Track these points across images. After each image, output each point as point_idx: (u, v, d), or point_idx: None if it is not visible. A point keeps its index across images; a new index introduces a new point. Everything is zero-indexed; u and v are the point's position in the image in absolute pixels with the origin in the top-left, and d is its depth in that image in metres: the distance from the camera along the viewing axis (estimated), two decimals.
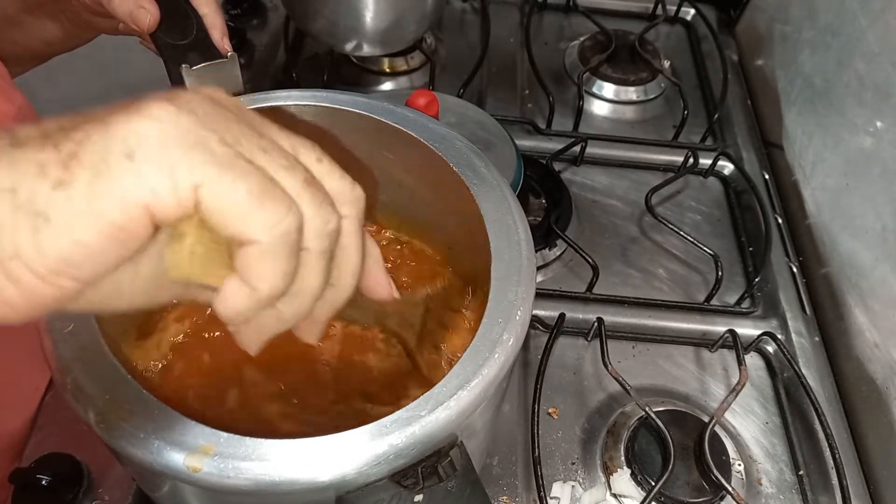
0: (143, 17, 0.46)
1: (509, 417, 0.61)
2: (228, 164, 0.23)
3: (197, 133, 0.23)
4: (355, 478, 0.32)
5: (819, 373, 0.66)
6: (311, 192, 0.25)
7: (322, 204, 0.25)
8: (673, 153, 0.84)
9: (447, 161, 0.44)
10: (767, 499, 0.59)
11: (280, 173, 0.24)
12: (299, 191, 0.24)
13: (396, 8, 0.78)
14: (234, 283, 0.24)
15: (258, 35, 0.92)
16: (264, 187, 0.23)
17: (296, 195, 0.24)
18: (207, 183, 0.22)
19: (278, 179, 0.24)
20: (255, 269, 0.24)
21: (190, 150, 0.22)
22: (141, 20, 0.46)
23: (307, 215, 0.24)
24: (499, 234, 0.41)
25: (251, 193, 0.23)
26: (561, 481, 0.58)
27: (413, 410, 0.33)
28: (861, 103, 0.71)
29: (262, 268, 0.24)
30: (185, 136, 0.22)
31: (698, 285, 0.73)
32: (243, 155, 0.23)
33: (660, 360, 0.67)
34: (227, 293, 0.24)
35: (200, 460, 0.31)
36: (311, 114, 0.48)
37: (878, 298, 0.65)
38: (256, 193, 0.23)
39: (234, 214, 0.23)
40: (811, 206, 0.79)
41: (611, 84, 0.91)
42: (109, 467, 0.53)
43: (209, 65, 0.45)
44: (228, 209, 0.23)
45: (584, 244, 0.69)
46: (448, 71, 0.91)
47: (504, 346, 0.36)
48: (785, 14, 0.89)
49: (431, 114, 0.57)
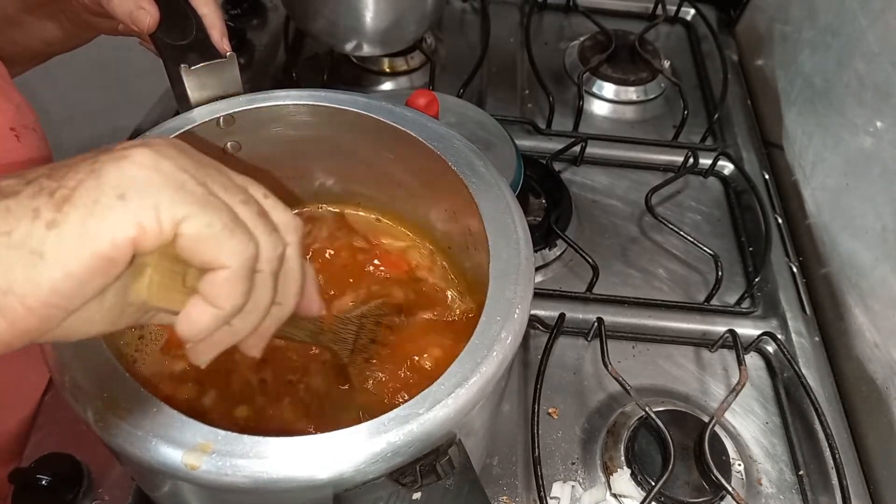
0: (142, 18, 0.46)
1: (509, 417, 0.61)
2: (204, 202, 0.26)
3: (176, 176, 0.26)
4: (353, 475, 0.32)
5: (819, 373, 0.66)
6: (263, 222, 0.29)
7: (272, 232, 0.29)
8: (673, 153, 0.84)
9: (446, 160, 0.44)
10: (767, 499, 0.59)
11: (239, 207, 0.28)
12: (255, 222, 0.28)
13: (396, 8, 0.78)
14: (199, 304, 0.28)
15: (258, 35, 0.92)
16: (233, 220, 0.27)
17: (252, 226, 0.28)
18: (189, 218, 0.26)
19: (239, 213, 0.28)
20: (222, 291, 0.27)
21: (173, 190, 0.26)
22: (141, 21, 0.46)
23: (261, 242, 0.28)
24: (497, 232, 0.41)
25: (224, 226, 0.27)
26: (561, 481, 0.58)
27: (411, 408, 0.33)
28: (861, 103, 0.71)
29: (228, 289, 0.27)
30: (167, 178, 0.26)
31: (698, 285, 0.73)
32: (214, 193, 0.27)
33: (660, 360, 0.67)
34: (193, 313, 0.28)
35: (198, 458, 0.31)
36: (310, 114, 0.48)
37: (878, 298, 0.65)
38: (229, 226, 0.27)
39: (210, 244, 0.26)
40: (811, 206, 0.79)
41: (611, 84, 0.91)
42: (109, 467, 0.53)
43: (208, 65, 0.45)
44: (206, 239, 0.26)
45: (584, 244, 0.69)
46: (448, 71, 0.91)
47: (502, 344, 0.36)
48: (785, 14, 0.89)
49: (431, 114, 0.58)
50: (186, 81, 0.45)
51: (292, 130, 0.48)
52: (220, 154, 0.48)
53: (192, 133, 0.45)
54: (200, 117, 0.45)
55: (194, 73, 0.45)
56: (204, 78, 0.45)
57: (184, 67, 0.44)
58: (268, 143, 0.49)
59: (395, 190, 0.52)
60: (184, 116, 0.45)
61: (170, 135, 0.43)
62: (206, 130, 0.45)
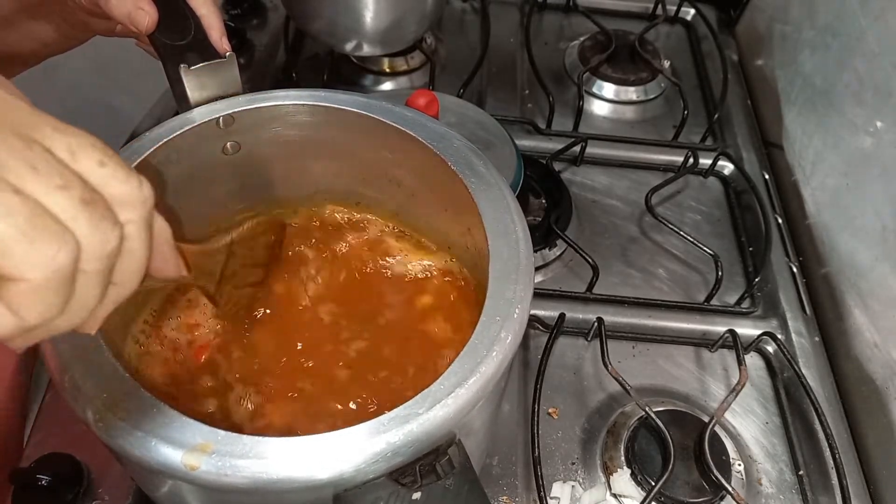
0: (141, 19, 0.46)
1: (509, 417, 0.61)
2: None
3: None
4: (353, 475, 0.32)
5: (819, 373, 0.66)
6: (87, 211, 0.23)
7: (100, 221, 0.24)
8: (673, 153, 0.84)
9: (445, 160, 0.44)
10: (767, 499, 0.59)
11: (53, 196, 0.23)
12: (76, 212, 0.23)
13: (396, 8, 0.78)
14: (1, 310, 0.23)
15: (258, 35, 0.92)
16: (33, 223, 0.22)
17: (71, 218, 0.23)
18: None
19: (51, 205, 0.23)
20: (25, 304, 0.23)
21: None
22: (140, 22, 0.46)
23: (84, 239, 0.23)
24: (497, 232, 0.41)
25: (19, 231, 0.21)
26: (561, 481, 0.58)
27: (410, 408, 0.33)
28: (861, 103, 0.71)
29: (31, 302, 0.23)
30: None
31: (698, 285, 0.73)
32: (10, 182, 0.22)
33: (660, 360, 0.67)
34: None
35: (198, 458, 0.31)
36: (310, 113, 0.48)
37: (878, 298, 0.65)
38: (25, 230, 0.22)
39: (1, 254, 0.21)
40: (811, 205, 0.79)
41: (611, 84, 0.91)
42: (109, 467, 0.53)
43: (207, 65, 0.45)
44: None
45: (584, 244, 0.69)
46: (448, 71, 0.91)
47: (502, 343, 0.36)
48: (785, 14, 0.89)
49: (431, 114, 0.58)
50: (186, 82, 0.45)
51: (292, 130, 0.48)
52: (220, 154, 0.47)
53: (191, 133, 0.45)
54: (200, 117, 0.45)
55: (193, 73, 0.45)
56: (203, 78, 0.45)
57: (183, 68, 0.44)
58: (267, 144, 0.49)
59: (394, 190, 0.52)
60: (183, 116, 0.45)
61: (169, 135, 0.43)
62: (205, 131, 0.45)
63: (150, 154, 0.42)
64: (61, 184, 0.23)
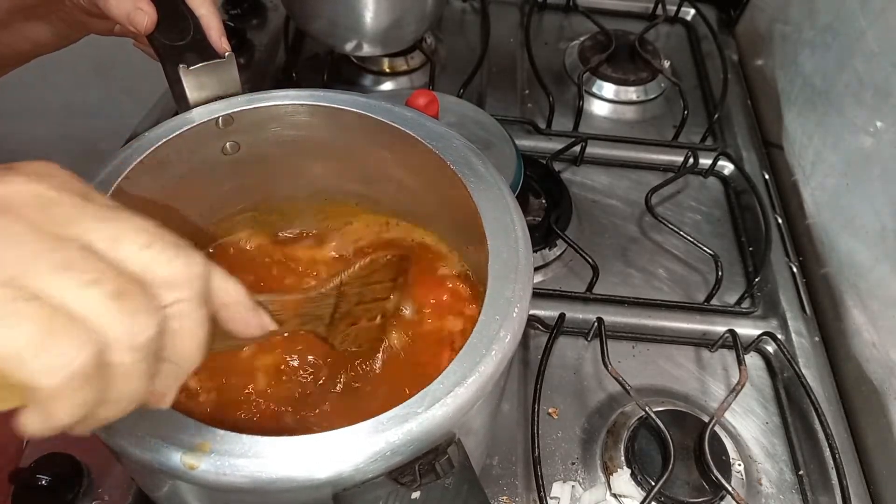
0: (140, 19, 0.46)
1: (509, 417, 0.61)
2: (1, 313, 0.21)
3: None
4: (352, 475, 0.32)
5: (819, 373, 0.66)
6: (118, 304, 0.23)
7: (134, 314, 0.23)
8: (673, 153, 0.84)
9: (445, 160, 0.44)
10: (767, 499, 0.59)
11: (81, 293, 0.22)
12: (104, 308, 0.23)
13: (396, 8, 0.78)
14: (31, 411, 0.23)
15: (258, 35, 0.92)
16: (49, 329, 0.22)
17: (97, 315, 0.23)
18: None
19: (76, 304, 0.22)
20: (47, 409, 0.22)
21: None
22: (139, 22, 0.46)
23: (114, 333, 0.23)
24: (496, 231, 0.41)
25: (30, 341, 0.21)
26: (561, 481, 0.58)
27: (410, 407, 0.33)
28: (861, 103, 0.71)
29: (53, 408, 0.22)
30: None
31: (698, 285, 0.73)
32: (28, 288, 0.22)
33: (660, 360, 0.67)
34: (25, 421, 0.23)
35: (198, 458, 0.31)
36: (310, 114, 0.48)
37: (877, 298, 0.65)
38: (37, 339, 0.21)
39: (14, 364, 0.21)
40: (811, 206, 0.79)
41: (611, 84, 0.91)
42: (109, 467, 0.53)
43: (207, 65, 0.45)
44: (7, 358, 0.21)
45: (584, 244, 0.69)
46: (448, 71, 0.91)
47: (501, 343, 0.36)
48: (785, 14, 0.89)
49: (431, 114, 0.58)
50: (185, 82, 0.45)
51: (291, 130, 0.48)
52: None
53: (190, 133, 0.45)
54: (199, 117, 0.45)
55: (193, 73, 0.45)
56: (202, 78, 0.45)
57: (182, 68, 0.44)
58: (267, 144, 0.49)
59: (394, 190, 0.52)
60: (182, 117, 0.45)
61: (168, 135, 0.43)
62: (204, 131, 0.45)
63: (149, 154, 0.42)
64: (92, 279, 0.23)
